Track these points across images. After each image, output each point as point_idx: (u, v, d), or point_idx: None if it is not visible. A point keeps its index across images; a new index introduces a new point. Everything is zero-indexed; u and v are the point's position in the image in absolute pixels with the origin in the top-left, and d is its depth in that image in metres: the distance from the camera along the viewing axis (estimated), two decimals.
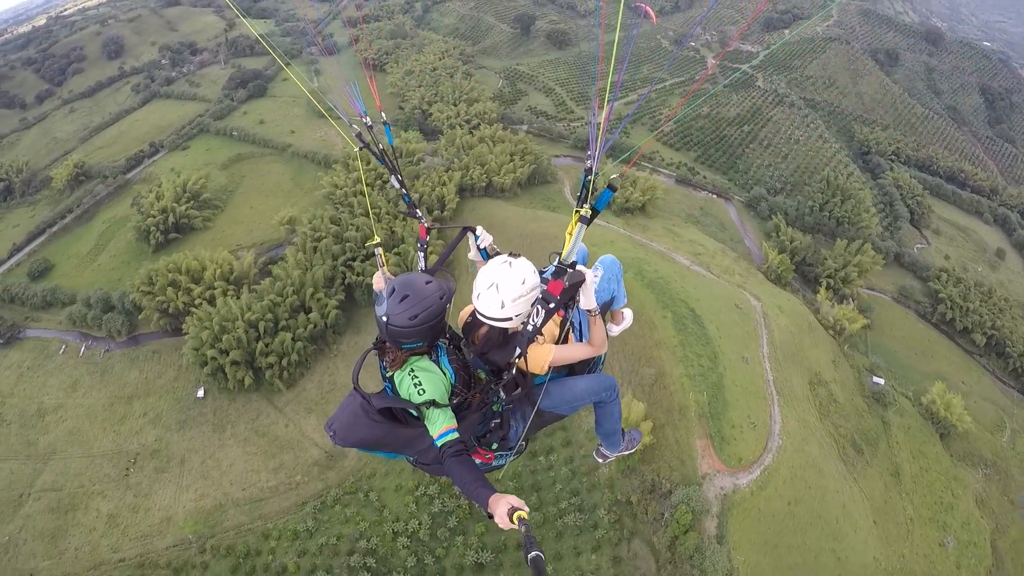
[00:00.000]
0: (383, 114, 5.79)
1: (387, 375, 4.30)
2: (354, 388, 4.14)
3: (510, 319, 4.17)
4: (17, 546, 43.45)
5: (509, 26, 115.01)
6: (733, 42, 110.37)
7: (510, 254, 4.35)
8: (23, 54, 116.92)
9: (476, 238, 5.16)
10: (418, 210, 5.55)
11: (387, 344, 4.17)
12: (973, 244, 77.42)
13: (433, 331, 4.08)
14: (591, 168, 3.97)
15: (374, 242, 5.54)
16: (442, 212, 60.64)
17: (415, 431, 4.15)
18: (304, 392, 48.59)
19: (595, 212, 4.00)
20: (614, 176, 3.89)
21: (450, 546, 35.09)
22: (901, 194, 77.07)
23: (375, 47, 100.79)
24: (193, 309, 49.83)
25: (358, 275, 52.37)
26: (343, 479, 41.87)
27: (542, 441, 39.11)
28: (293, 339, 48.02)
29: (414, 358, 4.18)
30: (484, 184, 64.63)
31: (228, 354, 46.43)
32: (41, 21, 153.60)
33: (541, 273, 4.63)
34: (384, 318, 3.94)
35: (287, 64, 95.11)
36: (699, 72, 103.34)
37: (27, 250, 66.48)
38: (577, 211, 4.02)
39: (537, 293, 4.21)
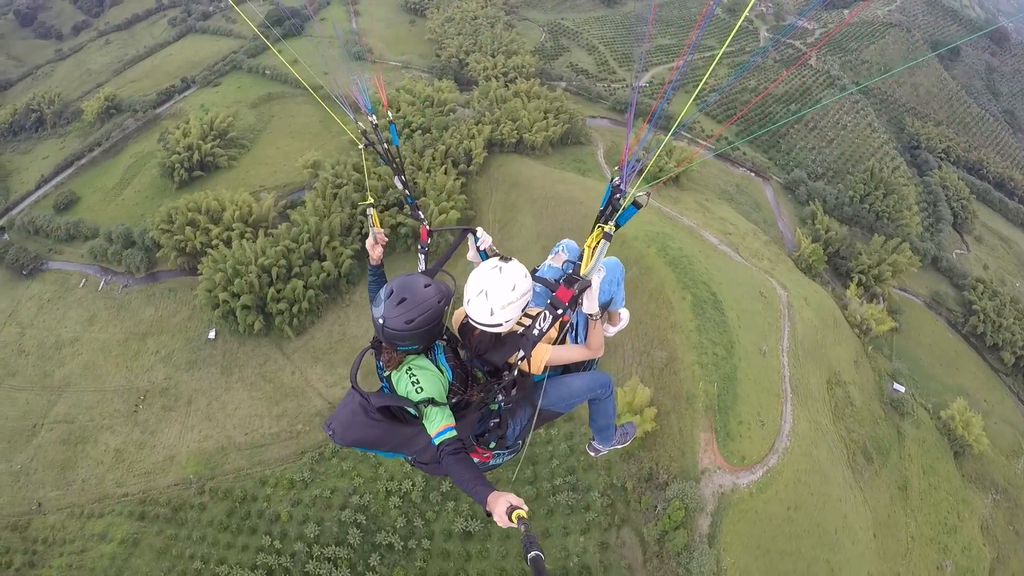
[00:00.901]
0: (389, 113, 5.78)
1: (384, 374, 4.39)
2: (352, 387, 4.19)
3: (500, 325, 4.24)
4: (28, 474, 45.77)
5: None
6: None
7: (501, 258, 4.42)
8: None
9: (476, 240, 5.20)
10: (420, 212, 5.57)
11: (383, 345, 4.24)
12: (1014, 257, 74.23)
13: (430, 334, 4.16)
14: (619, 186, 3.96)
15: (367, 202, 5.58)
16: (468, 166, 59.52)
17: (414, 430, 4.22)
18: (313, 340, 49.03)
19: (618, 227, 4.03)
20: (640, 194, 3.85)
21: (441, 511, 35.04)
22: (946, 195, 74.03)
23: None
24: (209, 250, 50.47)
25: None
26: None
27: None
28: (305, 287, 48.29)
29: (411, 357, 4.28)
30: (514, 140, 63.00)
31: (239, 298, 47.08)
32: None
33: (553, 279, 5.02)
34: (380, 320, 4.00)
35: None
36: (751, 43, 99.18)
37: (54, 182, 68.37)
38: (601, 227, 4.04)
39: (528, 298, 4.30)
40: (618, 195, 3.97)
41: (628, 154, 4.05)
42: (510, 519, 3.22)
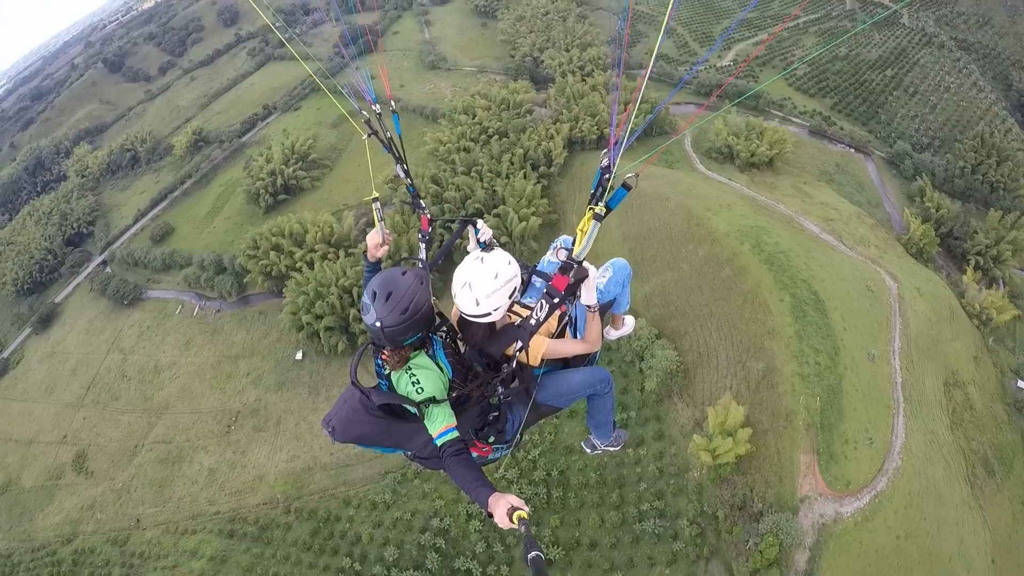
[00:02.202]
0: (392, 102, 6.06)
1: (384, 373, 4.46)
2: (352, 383, 4.26)
3: (488, 314, 4.36)
4: (129, 492, 50.50)
5: None
6: None
7: (483, 249, 4.58)
8: (145, 30, 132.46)
9: (477, 231, 5.26)
10: (422, 201, 5.71)
11: (387, 348, 4.29)
12: None
13: (427, 318, 4.27)
14: (608, 167, 4.04)
15: (371, 196, 5.70)
16: (549, 168, 59.91)
17: (414, 427, 4.29)
18: None
19: (608, 210, 4.06)
20: (629, 175, 3.90)
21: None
22: None
23: None
24: (293, 273, 53.68)
25: (458, 238, 53.39)
26: None
27: (633, 431, 37.86)
28: None
29: (413, 355, 4.37)
30: (595, 136, 62.89)
31: (322, 319, 49.62)
32: None
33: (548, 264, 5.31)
34: (377, 323, 4.07)
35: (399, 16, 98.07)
36: (836, 7, 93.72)
37: (151, 215, 75.59)
38: (591, 208, 4.07)
39: (515, 283, 4.42)
40: (607, 175, 4.02)
41: (616, 134, 4.05)
42: (511, 520, 3.28)
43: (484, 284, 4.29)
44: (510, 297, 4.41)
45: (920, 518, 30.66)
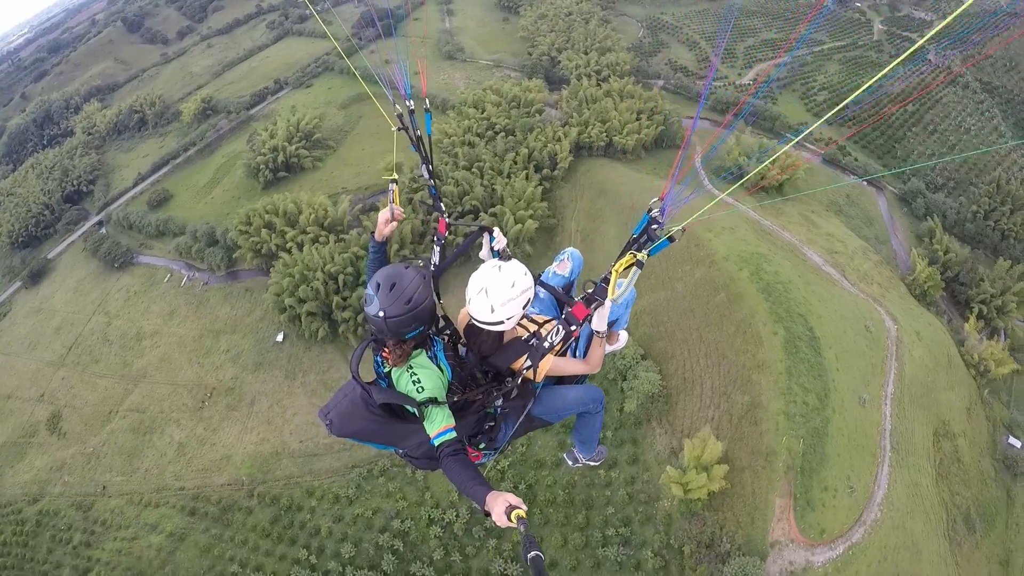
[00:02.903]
0: (427, 100, 5.74)
1: (384, 371, 4.46)
2: (352, 377, 4.23)
3: (502, 322, 4.35)
4: (99, 457, 49.51)
5: None
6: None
7: (501, 257, 4.63)
8: None
9: (492, 239, 5.27)
10: (441, 204, 5.68)
11: (389, 341, 4.30)
12: None
13: (429, 313, 4.26)
14: (656, 219, 4.07)
15: (390, 176, 5.47)
16: (553, 171, 58.50)
17: (411, 427, 4.29)
18: None
19: (649, 255, 4.10)
20: (676, 229, 3.99)
21: (481, 548, 33.98)
22: None
23: None
24: (282, 253, 52.38)
25: (451, 232, 51.90)
26: None
27: (610, 452, 36.58)
28: None
29: (414, 353, 4.37)
30: (604, 143, 61.31)
31: (305, 304, 48.36)
32: None
33: (559, 286, 5.45)
34: (381, 313, 4.04)
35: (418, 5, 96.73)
36: (863, 36, 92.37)
37: (151, 180, 74.24)
38: (633, 254, 4.11)
39: (529, 294, 4.39)
40: (655, 226, 4.05)
41: (672, 187, 4.11)
42: (509, 519, 3.28)
43: (501, 292, 4.28)
44: (523, 307, 4.40)
45: (894, 573, 29.35)
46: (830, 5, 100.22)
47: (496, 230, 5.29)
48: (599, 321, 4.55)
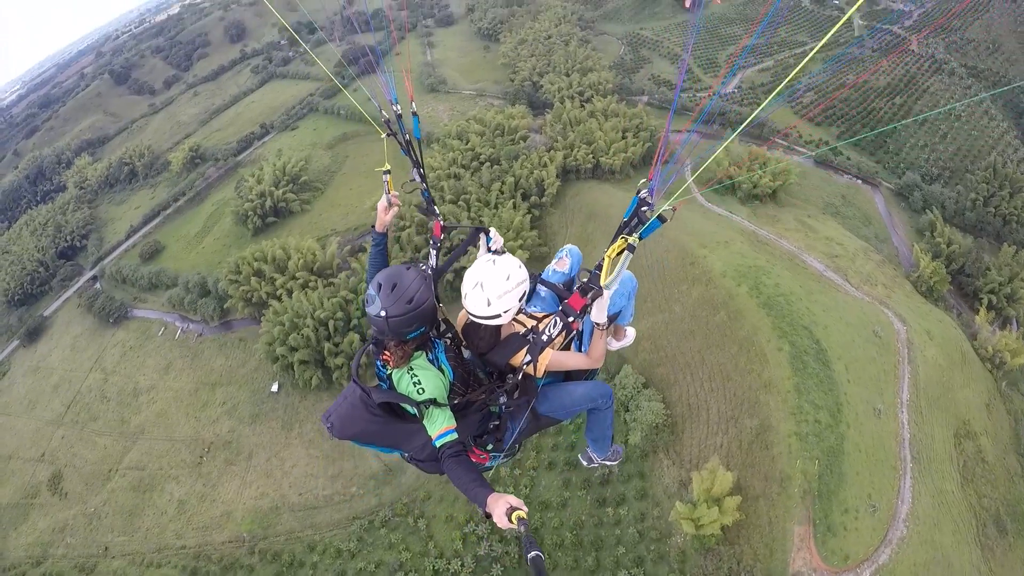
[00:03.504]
0: (413, 104, 5.75)
1: (386, 374, 4.42)
2: (353, 380, 4.22)
3: (499, 315, 4.35)
4: (100, 518, 48.14)
5: None
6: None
7: (494, 252, 4.76)
8: (154, 43, 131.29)
9: (489, 240, 5.26)
10: (436, 207, 5.69)
11: (389, 342, 4.26)
12: None
13: (430, 313, 4.25)
14: (645, 199, 3.98)
15: (384, 167, 5.58)
16: (541, 198, 57.48)
17: (413, 427, 4.24)
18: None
19: (640, 239, 4.01)
20: (666, 208, 3.86)
21: None
22: None
23: (489, 16, 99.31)
24: (272, 301, 51.22)
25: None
26: (397, 497, 40.91)
27: (614, 488, 35.09)
28: (363, 339, 47.71)
29: (415, 355, 4.33)
30: (591, 165, 60.28)
31: (296, 352, 47.11)
32: (175, 9, 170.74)
33: (560, 283, 5.42)
34: (383, 313, 4.02)
35: (402, 39, 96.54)
36: (844, 34, 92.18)
37: (143, 232, 73.43)
38: (624, 238, 4.01)
39: (525, 287, 4.43)
40: (644, 207, 3.97)
41: (661, 165, 4.07)
42: (510, 520, 3.25)
43: (496, 285, 4.27)
44: (520, 300, 4.40)
45: None
46: (806, 4, 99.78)
47: (493, 231, 5.25)
48: (598, 313, 4.41)
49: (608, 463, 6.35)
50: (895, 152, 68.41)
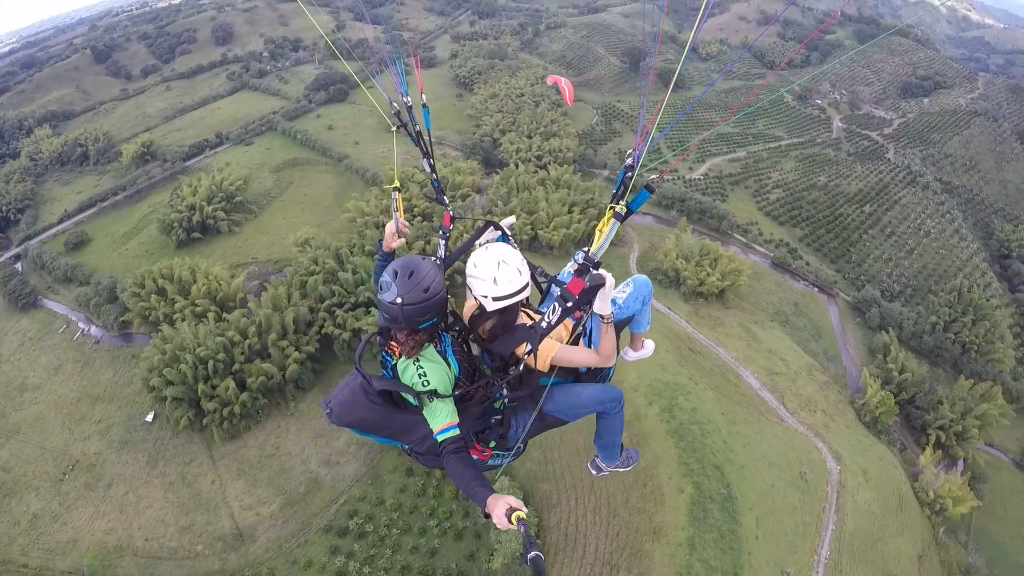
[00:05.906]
0: (423, 96, 5.49)
1: (391, 364, 4.20)
2: (355, 368, 4.03)
3: (502, 297, 4.11)
4: None
5: (618, 60, 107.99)
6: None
7: (488, 242, 4.64)
8: (144, 28, 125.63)
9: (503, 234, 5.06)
10: (445, 196, 5.42)
11: (399, 332, 4.03)
12: None
13: (443, 304, 4.06)
14: (631, 165, 3.79)
15: (393, 185, 5.31)
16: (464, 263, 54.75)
17: (413, 418, 4.06)
18: (244, 449, 44.22)
19: (629, 211, 3.78)
20: (653, 177, 3.79)
21: None
22: None
23: (469, 65, 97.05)
24: (164, 326, 47.55)
25: (338, 326, 47.31)
26: (239, 568, 37.57)
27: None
28: (243, 388, 44.13)
29: (424, 346, 4.11)
30: (527, 237, 57.34)
31: (171, 386, 43.50)
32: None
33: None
34: (399, 299, 3.80)
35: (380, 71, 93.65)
36: (822, 133, 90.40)
37: (76, 219, 68.78)
38: (612, 207, 3.77)
39: (524, 268, 4.22)
40: (630, 175, 3.77)
41: (644, 136, 3.71)
42: (509, 521, 3.12)
43: (491, 267, 4.09)
44: (522, 276, 4.17)
45: None
46: (790, 101, 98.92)
47: (504, 222, 5.05)
48: (601, 303, 4.06)
49: (620, 469, 6.02)
50: (857, 262, 64.66)
